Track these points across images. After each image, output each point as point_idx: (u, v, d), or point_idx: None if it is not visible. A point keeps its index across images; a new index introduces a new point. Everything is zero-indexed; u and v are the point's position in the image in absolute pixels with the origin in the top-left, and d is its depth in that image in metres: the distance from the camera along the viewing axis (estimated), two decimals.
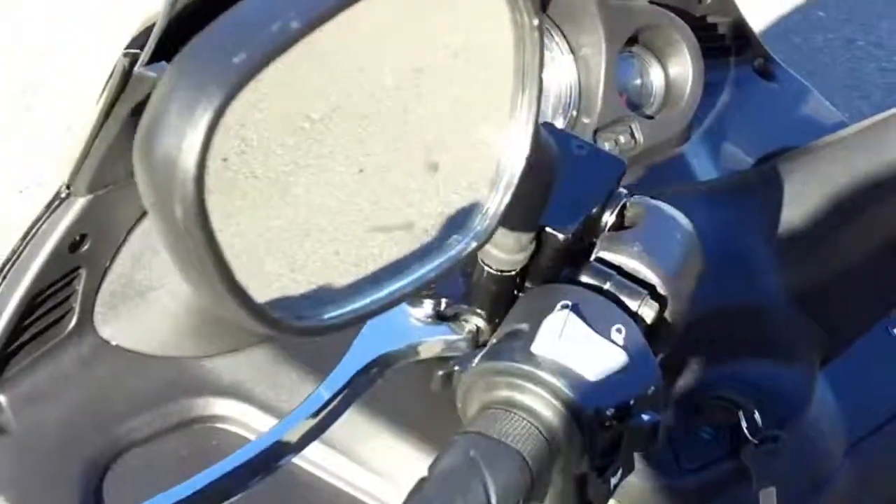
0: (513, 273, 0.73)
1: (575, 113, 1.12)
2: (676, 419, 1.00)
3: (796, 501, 1.05)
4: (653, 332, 0.70)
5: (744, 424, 0.98)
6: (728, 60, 1.32)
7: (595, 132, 1.12)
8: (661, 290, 0.71)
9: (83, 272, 0.96)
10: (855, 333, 1.05)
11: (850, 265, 0.99)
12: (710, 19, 1.27)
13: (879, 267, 0.99)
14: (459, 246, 0.62)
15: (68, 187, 0.94)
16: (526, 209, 0.69)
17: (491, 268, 0.73)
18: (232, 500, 0.72)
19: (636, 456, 0.76)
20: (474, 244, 0.62)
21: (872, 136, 0.97)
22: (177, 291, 0.97)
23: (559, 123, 1.12)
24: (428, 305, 0.76)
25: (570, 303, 0.68)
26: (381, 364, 0.76)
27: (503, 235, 0.70)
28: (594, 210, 0.73)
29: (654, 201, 0.77)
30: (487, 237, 0.63)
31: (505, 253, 0.72)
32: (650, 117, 1.18)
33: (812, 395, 1.04)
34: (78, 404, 0.96)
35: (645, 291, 0.70)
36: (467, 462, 0.63)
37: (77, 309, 0.97)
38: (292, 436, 0.74)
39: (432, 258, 0.61)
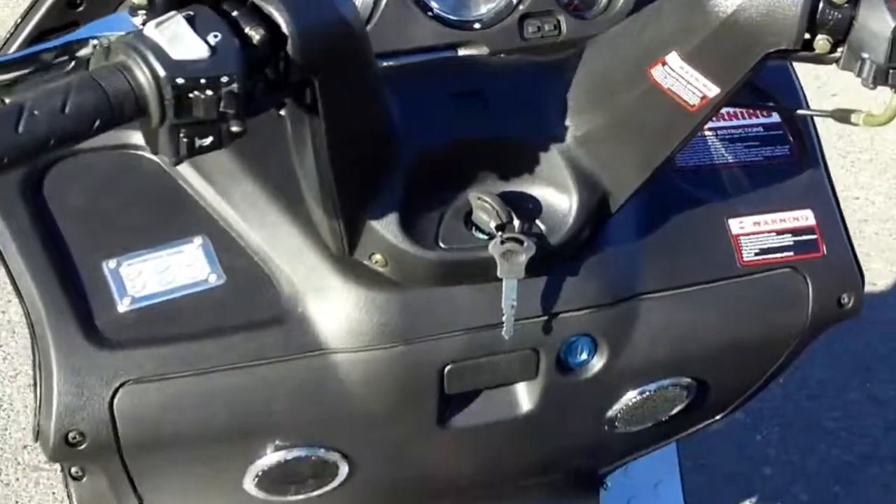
0: None
1: (515, 0, 1.30)
2: (454, 212, 1.19)
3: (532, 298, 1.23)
4: (263, 53, 0.97)
5: (493, 224, 1.16)
6: None
7: (524, 17, 1.30)
8: (283, 28, 0.97)
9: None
10: (633, 179, 1.20)
11: (623, 117, 1.17)
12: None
13: (647, 122, 1.16)
14: None
15: None
16: None
17: None
18: None
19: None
20: None
21: (636, 23, 1.19)
22: None
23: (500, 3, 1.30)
24: (141, 16, 1.02)
25: (192, 13, 0.94)
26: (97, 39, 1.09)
27: None
28: None
29: None
30: None
31: None
32: (584, 18, 1.34)
33: (576, 226, 1.19)
34: None
35: (258, 20, 0.96)
36: (65, 86, 0.90)
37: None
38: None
39: None
